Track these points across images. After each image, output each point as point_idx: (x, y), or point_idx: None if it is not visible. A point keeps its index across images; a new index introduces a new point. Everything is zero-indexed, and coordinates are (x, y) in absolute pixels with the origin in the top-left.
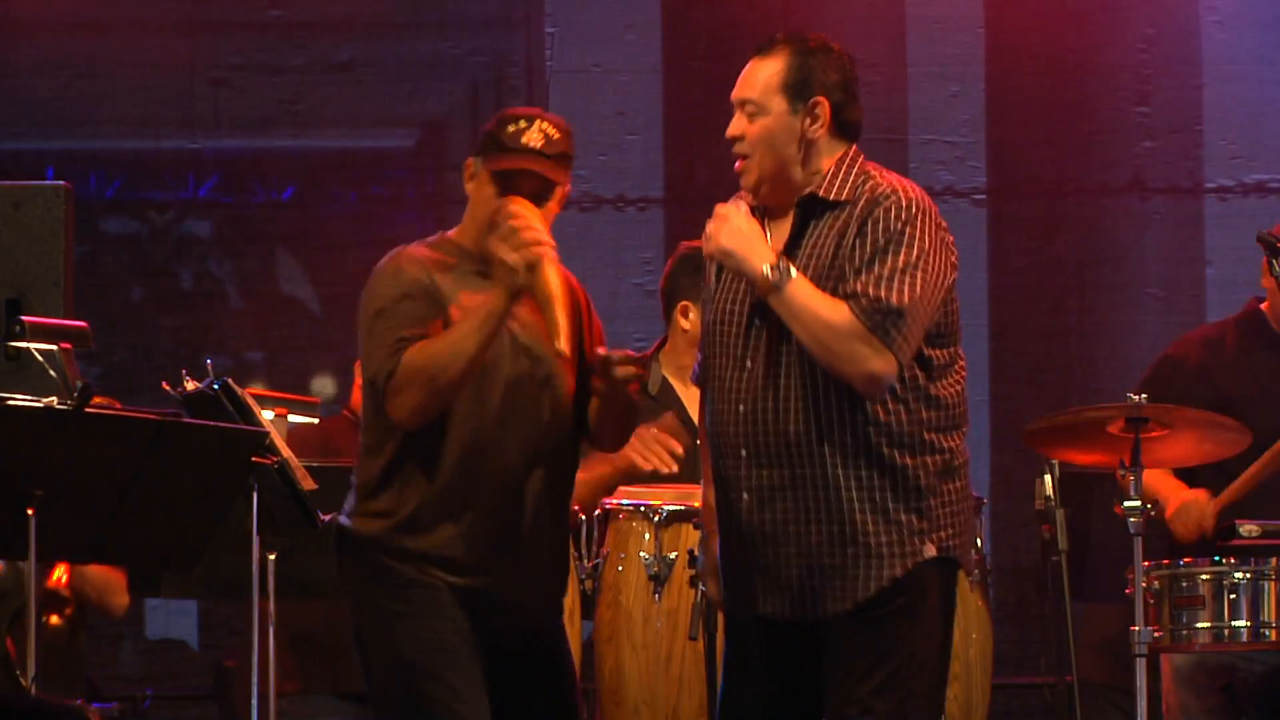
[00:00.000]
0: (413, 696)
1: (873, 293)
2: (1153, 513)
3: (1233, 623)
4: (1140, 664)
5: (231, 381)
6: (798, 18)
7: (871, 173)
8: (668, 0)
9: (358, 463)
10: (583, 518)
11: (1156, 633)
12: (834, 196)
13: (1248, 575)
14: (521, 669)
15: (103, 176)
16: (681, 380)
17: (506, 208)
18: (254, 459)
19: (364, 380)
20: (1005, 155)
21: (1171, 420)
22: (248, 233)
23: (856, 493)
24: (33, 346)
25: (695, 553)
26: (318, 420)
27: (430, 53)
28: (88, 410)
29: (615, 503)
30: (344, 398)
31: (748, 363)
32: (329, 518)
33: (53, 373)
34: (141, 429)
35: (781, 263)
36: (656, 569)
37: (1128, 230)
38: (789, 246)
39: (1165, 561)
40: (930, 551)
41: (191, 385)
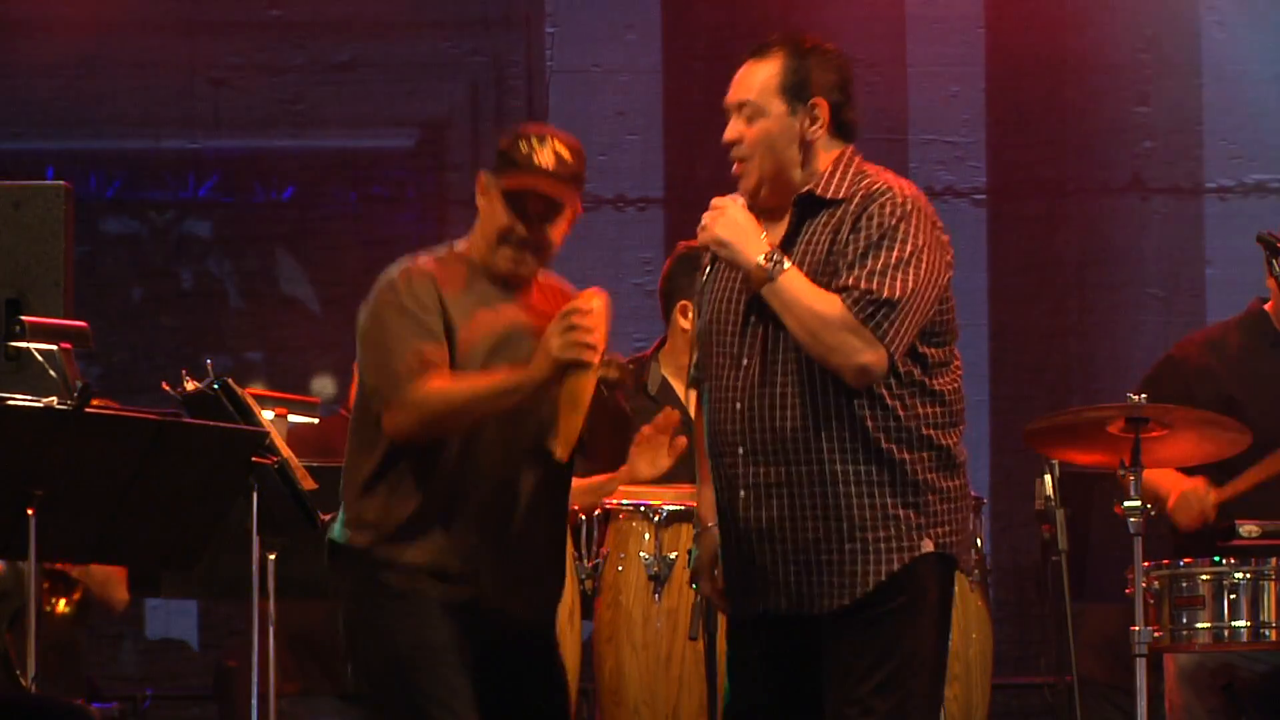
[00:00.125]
0: (409, 690)
1: (864, 285)
2: (1153, 513)
3: (1233, 623)
4: (1140, 664)
5: (231, 381)
6: (798, 18)
7: (868, 171)
8: (668, 0)
9: (345, 467)
10: (583, 518)
11: (1156, 633)
12: (831, 195)
13: (1248, 575)
14: (512, 677)
15: (103, 176)
16: (681, 380)
17: (584, 295)
18: (254, 459)
19: (366, 385)
20: (1005, 155)
21: (1171, 420)
22: (248, 233)
23: (854, 488)
24: (33, 346)
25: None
26: (318, 420)
27: (430, 53)
28: (88, 410)
29: (615, 503)
30: (344, 397)
31: (744, 360)
32: (329, 517)
33: (53, 373)
34: (141, 429)
35: (775, 254)
36: (656, 569)
37: (1128, 230)
38: (785, 244)
39: (1165, 561)
40: (928, 546)
41: (191, 385)
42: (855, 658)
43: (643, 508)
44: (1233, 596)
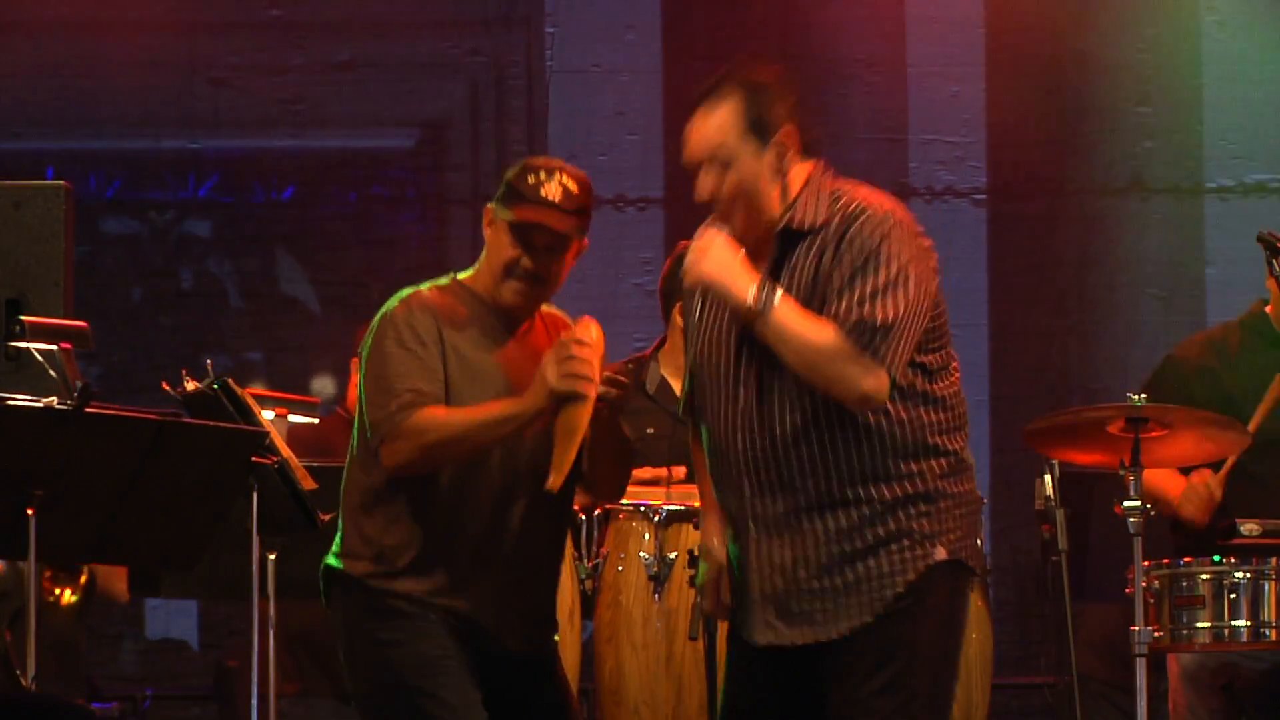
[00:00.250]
0: (414, 705)
1: (857, 313)
2: (1153, 513)
3: (1233, 623)
4: (1140, 664)
5: (231, 381)
6: (797, 18)
7: (841, 189)
8: (667, 0)
9: (343, 496)
10: (583, 518)
11: (1156, 632)
12: (810, 223)
13: (1248, 575)
14: (516, 689)
15: (103, 176)
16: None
17: (580, 325)
18: (254, 459)
19: (366, 421)
20: (1005, 155)
21: (1171, 420)
22: (248, 233)
23: (867, 509)
24: (33, 346)
25: (695, 553)
26: (318, 420)
27: (430, 53)
28: (88, 410)
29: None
30: (343, 397)
31: (740, 394)
32: (329, 517)
33: (53, 373)
34: (141, 429)
35: (765, 287)
36: (656, 569)
37: (1128, 230)
38: (771, 277)
39: (1165, 561)
40: (941, 554)
41: (191, 385)
42: (859, 659)
43: (643, 508)
44: (1233, 596)
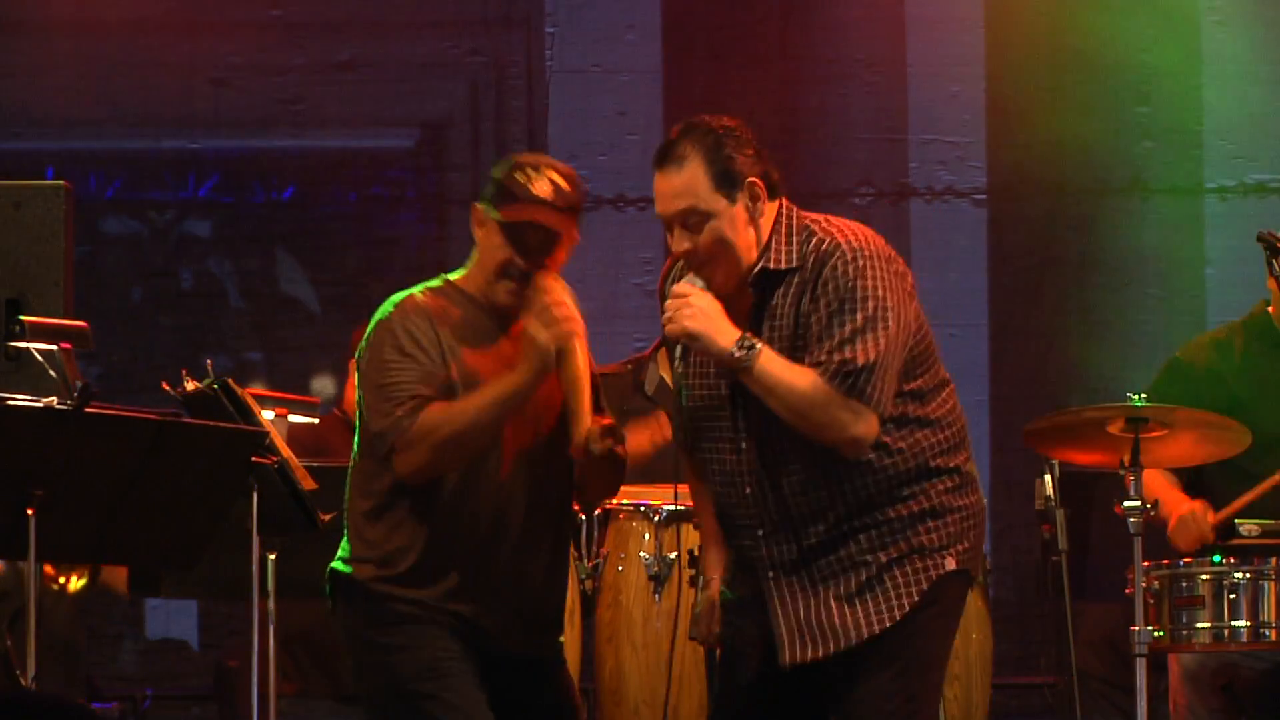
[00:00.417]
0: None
1: (838, 358)
2: (1152, 513)
3: (1233, 623)
4: (1140, 664)
5: (231, 381)
6: (797, 18)
7: (811, 227)
8: (668, 0)
9: (348, 502)
10: (583, 518)
11: (1157, 632)
12: (784, 265)
13: (1248, 575)
14: (522, 691)
15: (103, 176)
16: None
17: (539, 282)
18: (254, 459)
19: (372, 432)
20: (1005, 155)
21: (1171, 420)
22: (248, 233)
23: (877, 538)
24: (33, 346)
25: (695, 553)
26: (318, 420)
27: (430, 53)
28: (88, 410)
29: (615, 503)
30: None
31: (742, 444)
32: (329, 517)
33: (53, 373)
34: (141, 429)
35: (746, 340)
36: (656, 569)
37: (1128, 230)
38: (752, 323)
39: (1165, 561)
40: (950, 565)
41: (191, 385)
42: (864, 660)
43: (643, 508)
44: (1233, 596)
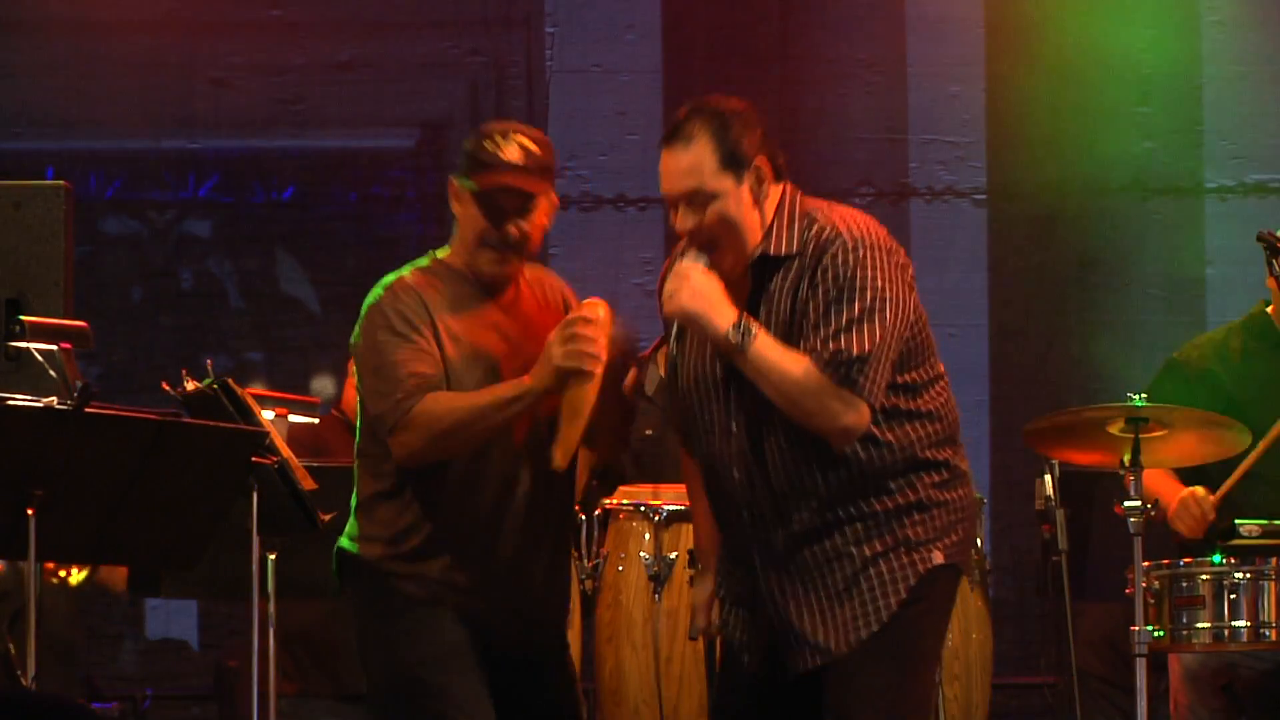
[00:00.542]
0: (416, 710)
1: (833, 346)
2: (1153, 513)
3: (1233, 623)
4: (1140, 664)
5: (231, 381)
6: (797, 18)
7: (813, 213)
8: (667, 0)
9: (356, 484)
10: (583, 518)
11: (1157, 632)
12: (784, 251)
13: (1248, 575)
14: (525, 681)
15: (103, 176)
16: None
17: (586, 309)
18: (254, 459)
19: (372, 414)
20: (1005, 155)
21: (1171, 420)
22: (248, 233)
23: (862, 525)
24: (33, 346)
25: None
26: (318, 420)
27: (430, 53)
28: (88, 410)
29: (615, 503)
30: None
31: (733, 428)
32: (329, 517)
33: (53, 373)
34: (141, 429)
35: (743, 323)
36: (656, 569)
37: (1128, 230)
38: (748, 306)
39: (1165, 561)
40: (938, 558)
41: (191, 385)
42: (856, 659)
43: (643, 508)
44: (1233, 596)
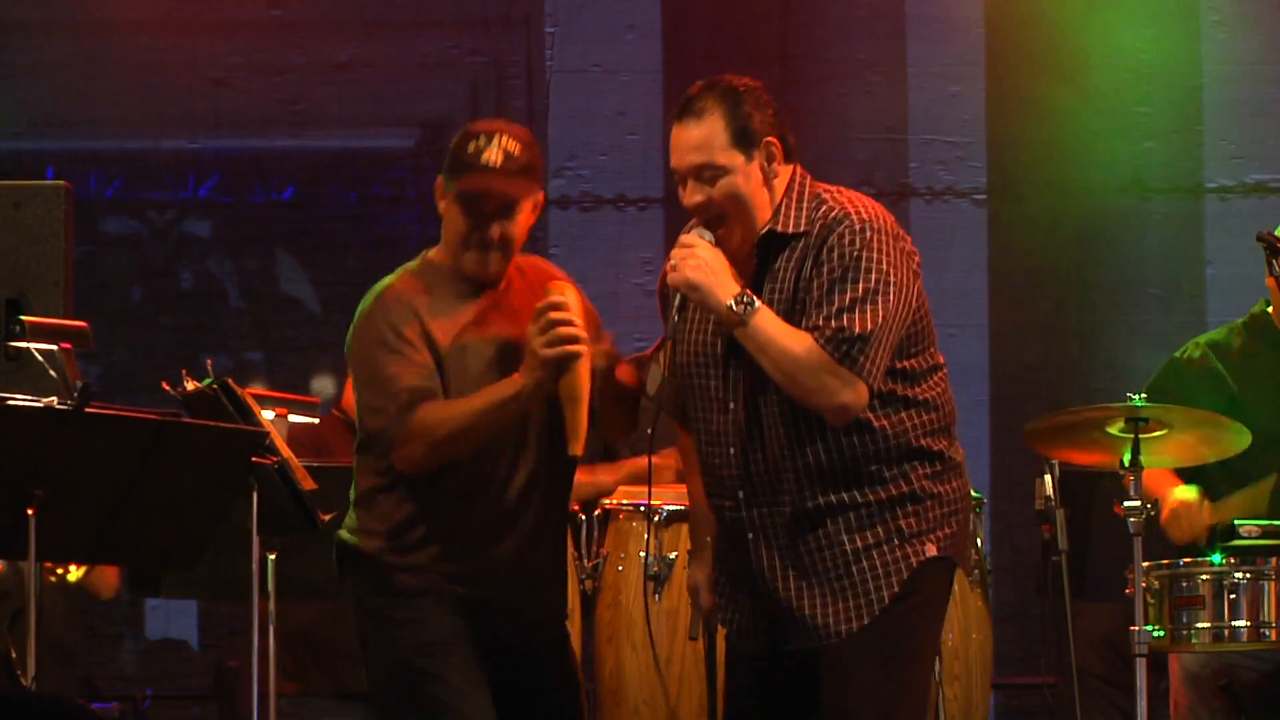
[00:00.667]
0: (415, 698)
1: (835, 324)
2: (1152, 513)
3: (1233, 623)
4: (1140, 664)
5: (231, 381)
6: (797, 18)
7: (823, 195)
8: (668, 0)
9: (356, 478)
10: (583, 518)
11: (1157, 632)
12: (791, 229)
13: (1248, 575)
14: (525, 673)
15: (103, 176)
16: None
17: (549, 296)
18: (254, 459)
19: (370, 428)
20: (1005, 155)
21: (1171, 420)
22: (248, 233)
23: (855, 515)
24: (33, 346)
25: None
26: (318, 420)
27: (430, 53)
28: (88, 410)
29: (615, 503)
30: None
31: (730, 404)
32: (329, 517)
33: (53, 373)
34: (141, 429)
35: (745, 295)
36: (656, 569)
37: (1128, 230)
38: (753, 283)
39: (1165, 561)
40: (931, 551)
41: (191, 385)
42: (853, 652)
43: (643, 508)
44: (1233, 596)
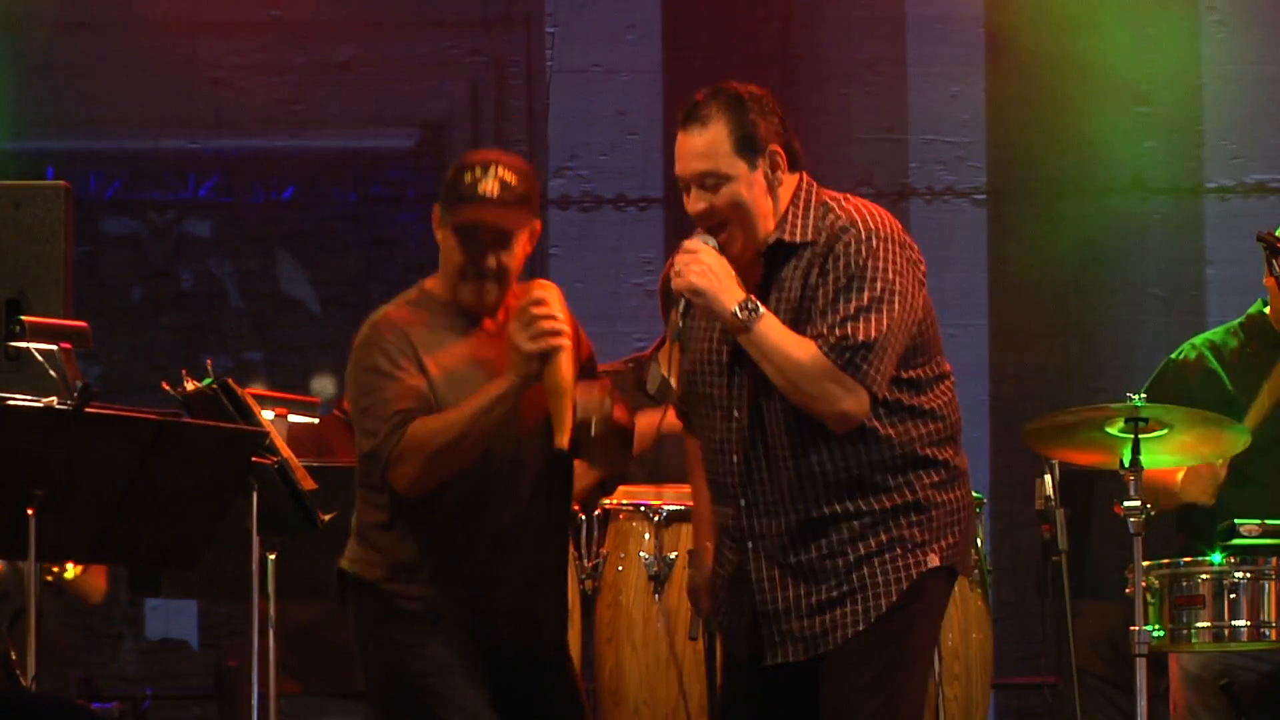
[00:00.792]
0: (418, 717)
1: (839, 332)
2: (1153, 512)
3: (1233, 622)
4: (1140, 664)
5: (231, 381)
6: (798, 18)
7: (829, 203)
8: (668, 0)
9: (357, 510)
10: (583, 518)
11: (1157, 632)
12: (799, 238)
13: (1248, 575)
14: (527, 693)
15: (103, 176)
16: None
17: (534, 290)
18: (254, 459)
19: (363, 453)
20: (1005, 155)
21: (1171, 420)
22: (248, 233)
23: (859, 524)
24: (33, 346)
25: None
26: (318, 420)
27: (430, 53)
28: (88, 410)
29: (615, 503)
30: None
31: (734, 412)
32: (329, 517)
33: (53, 373)
34: (141, 429)
35: (749, 302)
36: (656, 569)
37: (1128, 230)
38: (759, 290)
39: (1165, 561)
40: (933, 561)
41: (191, 385)
42: (850, 658)
43: (643, 508)
44: (1233, 596)
